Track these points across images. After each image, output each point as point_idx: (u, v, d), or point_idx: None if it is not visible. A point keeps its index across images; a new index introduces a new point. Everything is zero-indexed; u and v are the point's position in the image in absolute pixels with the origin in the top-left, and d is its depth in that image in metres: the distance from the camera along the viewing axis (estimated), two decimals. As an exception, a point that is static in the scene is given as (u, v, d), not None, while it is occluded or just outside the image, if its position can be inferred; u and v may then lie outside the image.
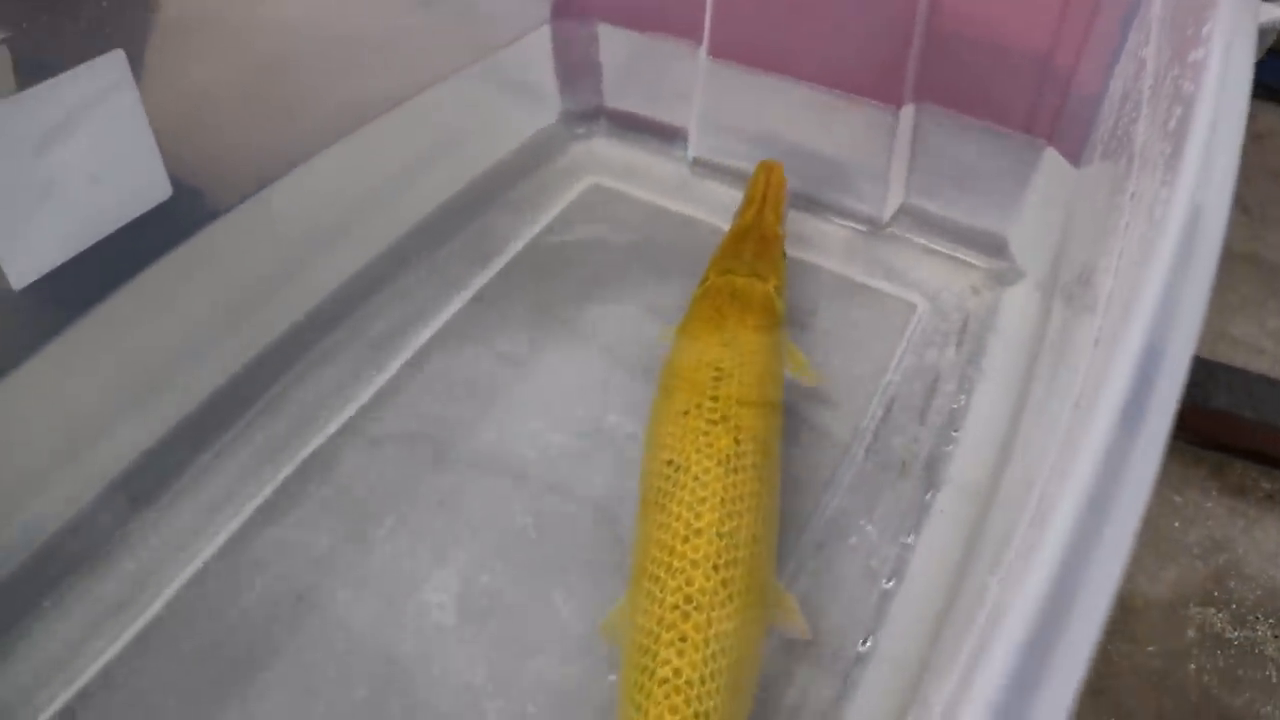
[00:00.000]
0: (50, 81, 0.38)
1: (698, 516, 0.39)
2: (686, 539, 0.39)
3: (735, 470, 0.41)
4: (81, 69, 0.39)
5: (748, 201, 0.58)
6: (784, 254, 0.55)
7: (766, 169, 0.59)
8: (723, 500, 0.40)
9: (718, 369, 0.45)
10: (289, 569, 0.45)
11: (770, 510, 0.42)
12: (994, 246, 0.62)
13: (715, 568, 0.38)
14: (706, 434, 0.42)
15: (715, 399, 0.44)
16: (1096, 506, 0.17)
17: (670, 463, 0.42)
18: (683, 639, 0.36)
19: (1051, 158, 0.57)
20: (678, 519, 0.40)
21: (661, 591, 0.38)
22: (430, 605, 0.44)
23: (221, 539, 0.47)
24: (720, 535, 0.39)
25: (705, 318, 0.49)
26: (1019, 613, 0.16)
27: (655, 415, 0.46)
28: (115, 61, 0.41)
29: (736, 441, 0.42)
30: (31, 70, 0.38)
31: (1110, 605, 0.17)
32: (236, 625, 0.43)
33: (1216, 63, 0.25)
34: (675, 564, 0.38)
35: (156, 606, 0.44)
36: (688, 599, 0.37)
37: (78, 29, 0.39)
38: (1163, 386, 0.17)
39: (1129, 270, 0.25)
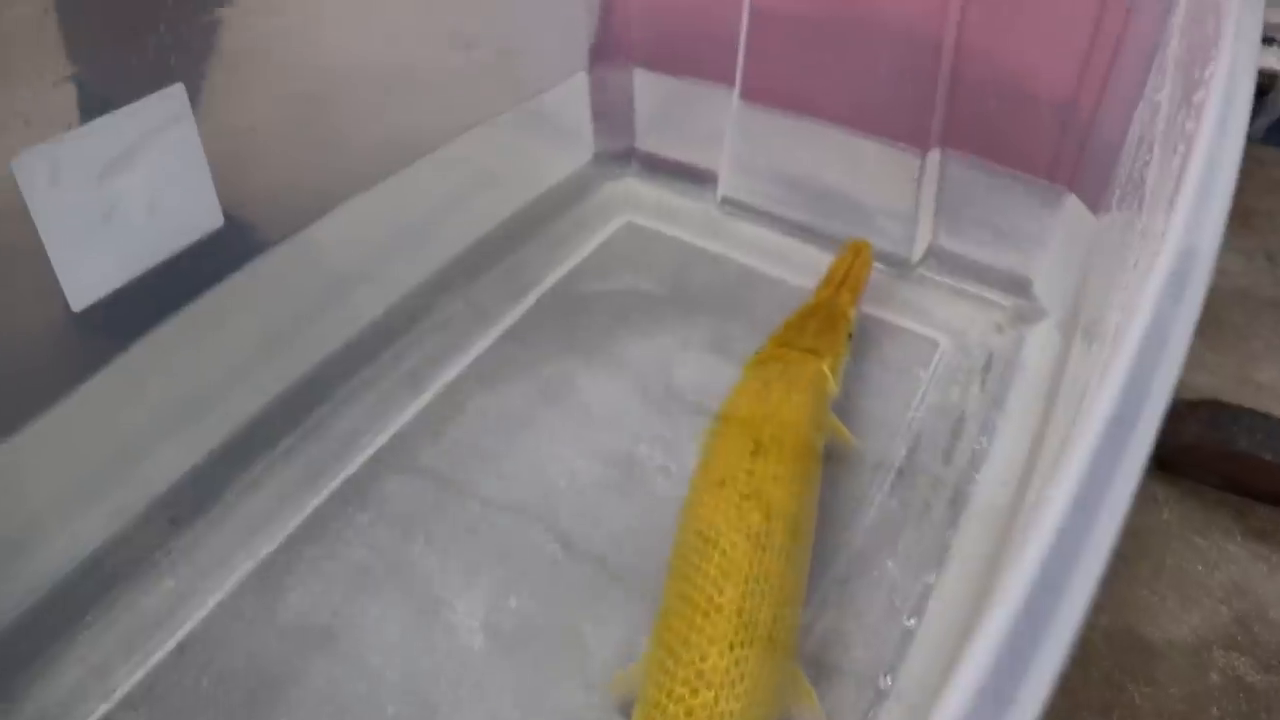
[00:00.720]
0: (115, 114, 0.41)
1: (720, 592, 0.39)
2: (707, 614, 0.39)
3: (763, 549, 0.41)
4: (144, 102, 0.42)
5: (827, 279, 0.58)
6: (850, 335, 0.55)
7: (855, 249, 0.59)
8: (747, 578, 0.40)
9: (756, 443, 0.45)
10: (322, 589, 0.47)
11: (795, 590, 0.42)
12: (1018, 286, 0.63)
13: (731, 646, 0.38)
14: (739, 507, 0.42)
15: (750, 473, 0.44)
16: (1082, 508, 0.18)
17: (700, 534, 0.42)
18: (689, 714, 0.36)
19: (1073, 204, 0.58)
20: (700, 592, 0.40)
21: (675, 665, 0.38)
22: (459, 628, 0.45)
23: (259, 558, 0.48)
24: (740, 614, 0.39)
25: (752, 390, 0.50)
26: (995, 618, 0.17)
27: (694, 483, 0.46)
28: (175, 95, 0.43)
29: (767, 519, 0.42)
30: (96, 101, 0.40)
31: (1090, 601, 0.17)
32: (271, 642, 0.45)
33: (1217, 102, 0.26)
34: (692, 638, 0.38)
35: (194, 623, 0.46)
36: (699, 674, 0.37)
37: (142, 62, 0.41)
38: (1154, 389, 0.18)
39: (1132, 299, 0.26)
